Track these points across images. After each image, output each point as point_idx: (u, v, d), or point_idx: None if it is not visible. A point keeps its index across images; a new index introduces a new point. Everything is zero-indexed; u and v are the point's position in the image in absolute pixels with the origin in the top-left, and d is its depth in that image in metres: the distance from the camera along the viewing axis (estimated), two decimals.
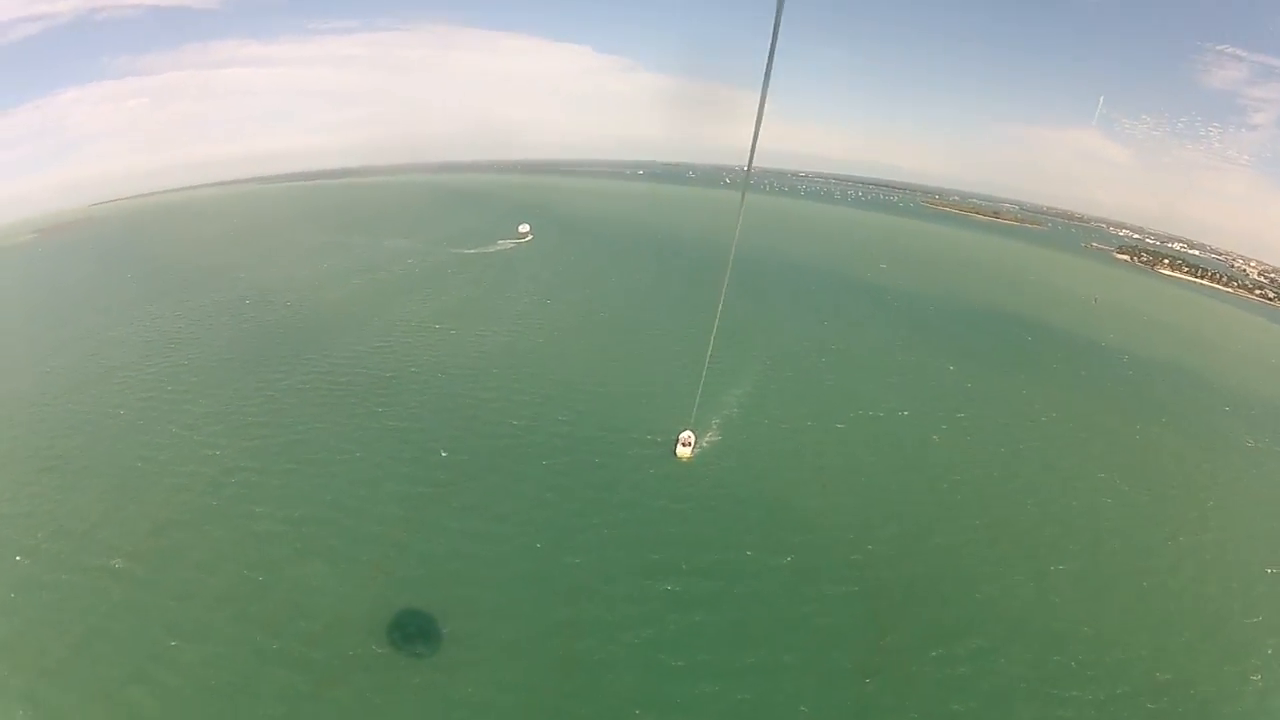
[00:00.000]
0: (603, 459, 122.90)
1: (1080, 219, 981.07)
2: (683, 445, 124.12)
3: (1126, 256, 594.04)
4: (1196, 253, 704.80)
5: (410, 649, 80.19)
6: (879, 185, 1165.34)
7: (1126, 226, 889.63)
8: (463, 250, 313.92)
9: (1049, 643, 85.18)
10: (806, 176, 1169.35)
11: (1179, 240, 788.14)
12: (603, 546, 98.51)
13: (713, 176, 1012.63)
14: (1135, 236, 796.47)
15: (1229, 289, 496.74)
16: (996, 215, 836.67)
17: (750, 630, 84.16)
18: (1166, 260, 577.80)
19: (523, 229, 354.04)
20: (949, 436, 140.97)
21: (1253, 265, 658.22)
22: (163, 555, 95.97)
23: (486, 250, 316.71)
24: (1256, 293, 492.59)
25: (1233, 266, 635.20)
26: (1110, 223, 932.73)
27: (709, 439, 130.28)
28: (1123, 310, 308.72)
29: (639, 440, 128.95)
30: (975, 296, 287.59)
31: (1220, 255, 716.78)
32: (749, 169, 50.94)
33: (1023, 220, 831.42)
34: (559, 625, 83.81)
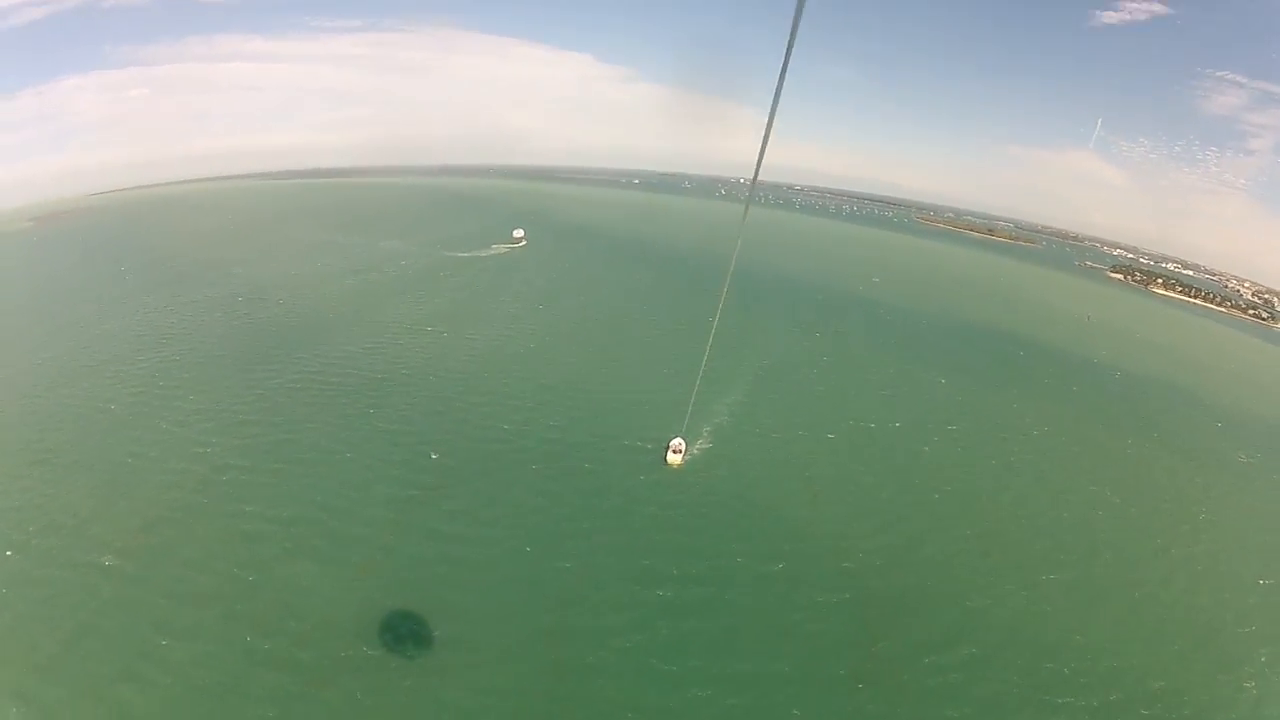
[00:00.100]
0: (593, 465, 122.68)
1: (1075, 238, 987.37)
2: (673, 452, 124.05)
3: (1120, 275, 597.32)
4: (1190, 273, 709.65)
5: (400, 652, 79.59)
6: (874, 200, 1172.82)
7: (1121, 246, 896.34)
8: (457, 253, 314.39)
9: (1041, 651, 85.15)
10: (802, 190, 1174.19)
11: (1173, 260, 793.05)
12: (593, 552, 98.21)
13: (708, 188, 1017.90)
14: (1129, 256, 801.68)
15: (1222, 309, 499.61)
16: (991, 232, 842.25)
17: (741, 637, 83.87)
18: (1160, 280, 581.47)
19: (517, 234, 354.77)
20: (940, 448, 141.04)
21: (1246, 286, 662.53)
22: (153, 552, 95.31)
23: (480, 254, 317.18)
24: (1250, 313, 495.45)
25: (1226, 287, 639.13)
26: (1104, 242, 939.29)
27: (700, 446, 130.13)
28: (1116, 328, 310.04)
29: (630, 447, 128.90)
30: (968, 312, 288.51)
31: (1214, 276, 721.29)
32: (753, 183, 51.09)
33: (1017, 238, 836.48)
34: (549, 630, 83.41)
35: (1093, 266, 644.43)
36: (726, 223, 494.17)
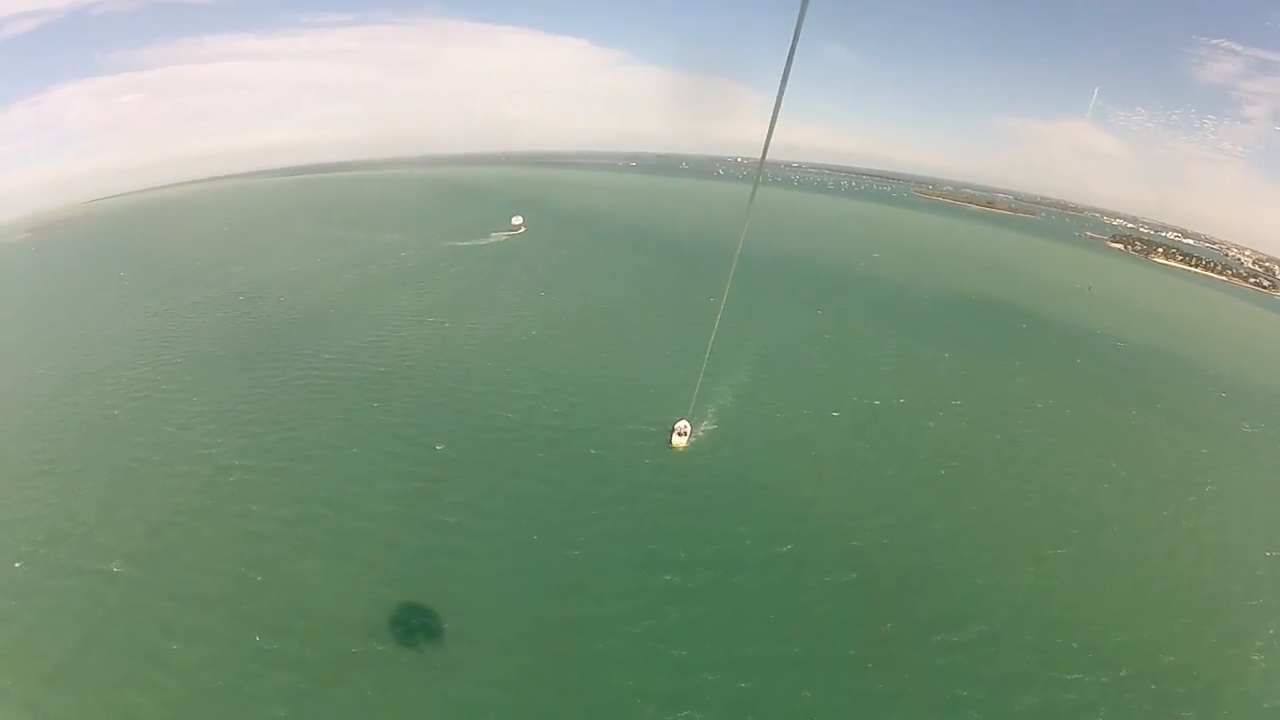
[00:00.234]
0: (598, 450, 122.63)
1: (1074, 209, 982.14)
2: (678, 435, 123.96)
3: (1120, 245, 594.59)
4: (1190, 241, 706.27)
5: (408, 646, 79.74)
6: (872, 175, 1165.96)
7: (1120, 216, 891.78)
8: (456, 243, 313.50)
9: (1050, 627, 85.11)
10: (800, 167, 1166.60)
11: (1173, 229, 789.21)
12: (599, 539, 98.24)
13: (706, 168, 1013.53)
14: (1129, 226, 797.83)
15: (1223, 277, 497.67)
16: (990, 205, 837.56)
17: (750, 620, 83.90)
18: (1160, 249, 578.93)
19: (516, 221, 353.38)
20: (945, 424, 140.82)
21: (1247, 254, 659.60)
22: (159, 557, 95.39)
23: (480, 243, 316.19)
24: (1251, 281, 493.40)
25: (1227, 255, 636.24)
26: (1104, 212, 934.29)
27: (704, 428, 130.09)
28: (1117, 298, 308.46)
29: (634, 431, 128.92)
30: (969, 286, 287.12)
31: (1215, 244, 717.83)
32: (760, 169, 50.83)
33: (1017, 210, 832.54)
34: (557, 619, 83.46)
35: (1093, 237, 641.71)
36: (725, 203, 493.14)
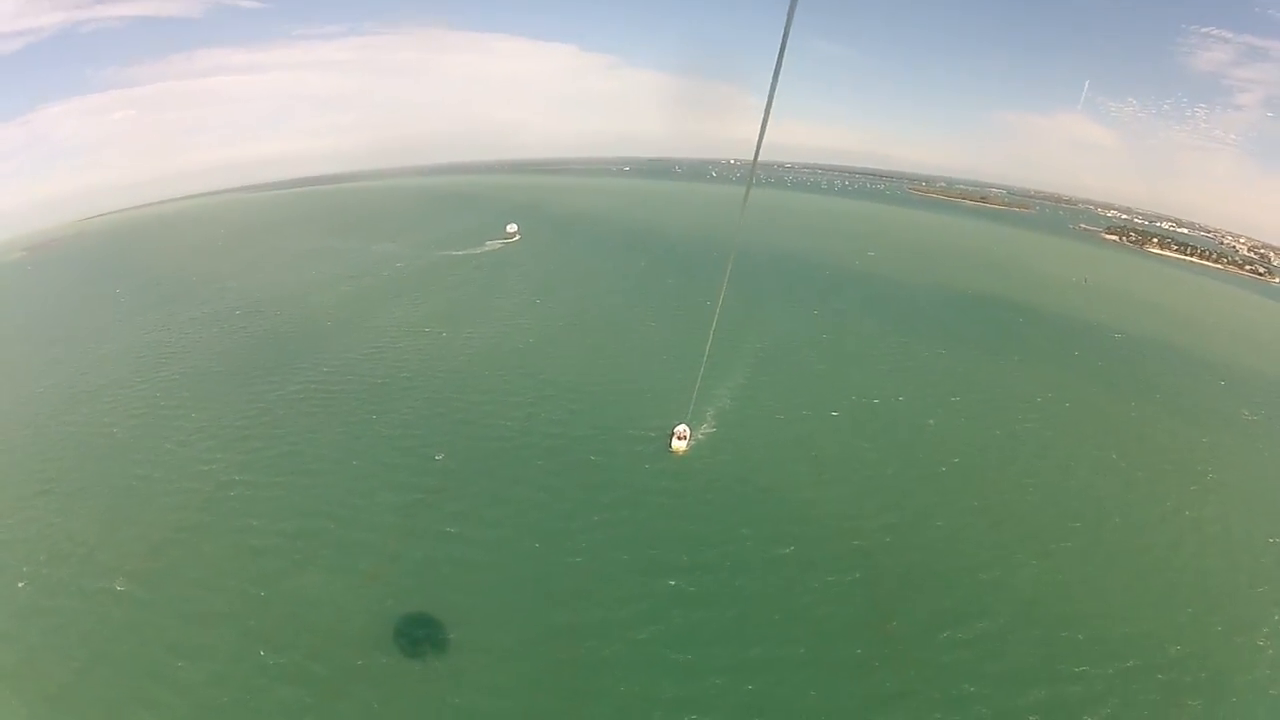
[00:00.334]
0: (598, 457, 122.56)
1: (1068, 201, 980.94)
2: (677, 439, 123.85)
3: (1115, 237, 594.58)
4: (1185, 231, 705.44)
5: (413, 658, 79.62)
6: (865, 174, 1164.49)
7: (1114, 207, 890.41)
8: (451, 252, 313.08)
9: (1055, 621, 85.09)
10: (792, 167, 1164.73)
11: (1167, 219, 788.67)
12: (601, 545, 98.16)
13: (699, 170, 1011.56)
14: (1123, 217, 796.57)
15: (1219, 265, 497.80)
16: (984, 200, 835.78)
17: (754, 623, 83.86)
18: (1155, 239, 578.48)
19: (510, 229, 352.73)
20: (944, 421, 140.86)
21: (1242, 241, 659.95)
22: (162, 575, 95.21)
23: (475, 251, 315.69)
24: (1247, 268, 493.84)
25: (1222, 243, 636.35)
26: (1098, 204, 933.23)
27: (704, 431, 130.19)
28: (1113, 290, 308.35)
29: (634, 436, 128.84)
30: (965, 282, 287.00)
31: (1209, 233, 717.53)
32: (752, 172, 50.77)
33: (1010, 204, 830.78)
34: (561, 626, 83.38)
35: (1087, 229, 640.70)
36: (719, 205, 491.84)
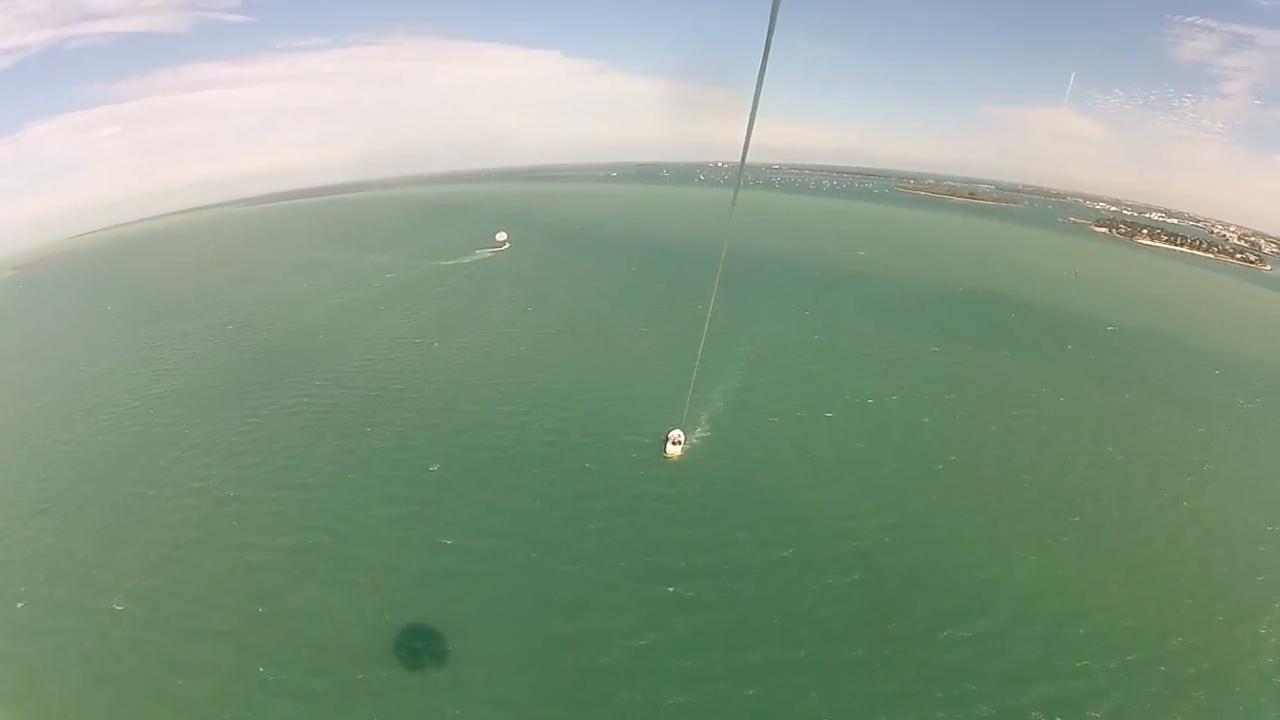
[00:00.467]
0: (593, 464, 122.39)
1: (1057, 195, 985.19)
2: (672, 444, 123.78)
3: (1105, 229, 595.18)
4: (1175, 221, 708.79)
5: (413, 670, 79.35)
6: (853, 173, 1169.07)
7: (1103, 199, 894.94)
8: (441, 262, 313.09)
9: (1057, 617, 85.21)
10: (780, 169, 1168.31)
11: (1156, 210, 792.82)
12: (599, 553, 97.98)
13: (686, 174, 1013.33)
14: (1112, 209, 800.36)
15: (1209, 254, 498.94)
16: (972, 196, 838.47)
17: (755, 627, 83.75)
18: (1145, 230, 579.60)
19: (500, 237, 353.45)
20: (940, 419, 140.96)
21: (1232, 230, 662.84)
22: (161, 593, 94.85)
23: (465, 261, 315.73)
24: (1238, 257, 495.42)
25: (1212, 232, 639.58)
26: (1087, 196, 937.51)
27: (699, 435, 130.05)
28: (1105, 282, 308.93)
29: (629, 443, 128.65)
30: (956, 278, 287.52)
31: (1199, 222, 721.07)
32: (739, 176, 50.94)
33: (999, 200, 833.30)
34: (561, 636, 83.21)
35: (1077, 222, 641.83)
36: (707, 208, 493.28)
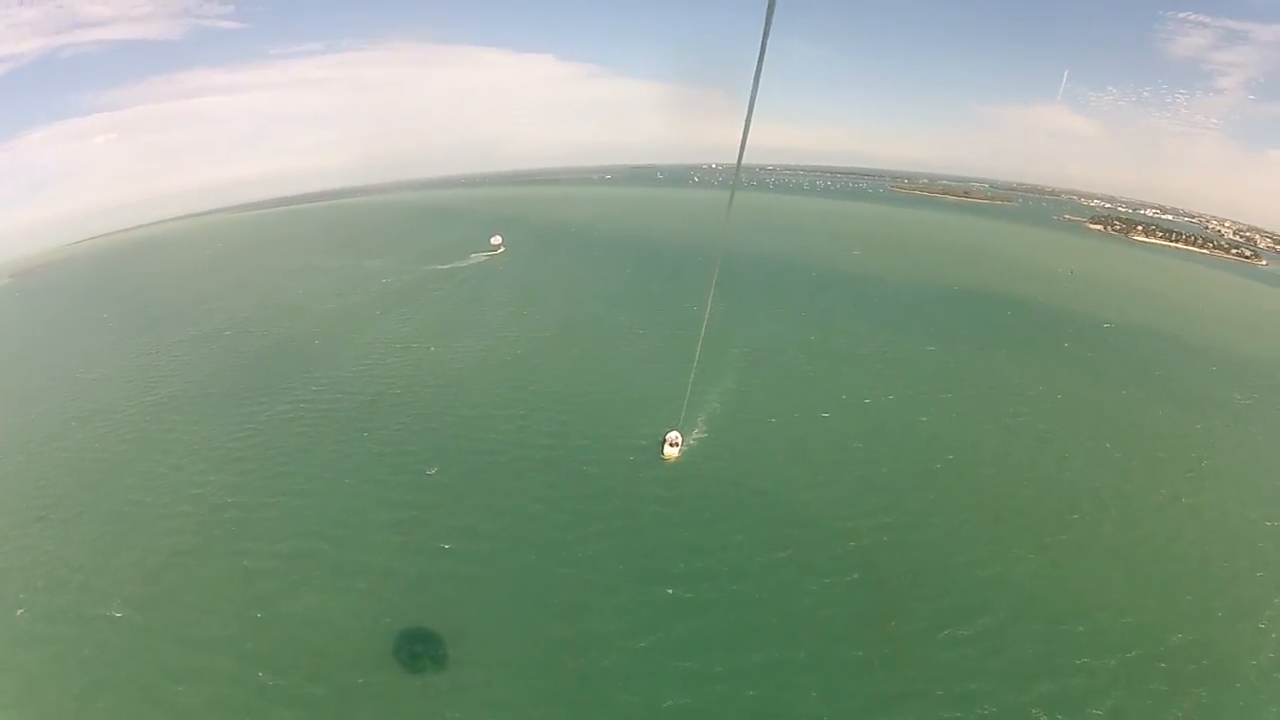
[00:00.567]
0: (591, 467, 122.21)
1: (1051, 192, 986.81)
2: (670, 445, 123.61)
3: (1100, 226, 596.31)
4: (1170, 217, 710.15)
5: (413, 675, 79.24)
6: (847, 173, 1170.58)
7: (1098, 196, 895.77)
8: (437, 266, 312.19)
9: (1057, 615, 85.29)
10: (774, 169, 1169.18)
11: (1151, 206, 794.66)
12: (598, 556, 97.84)
13: (681, 176, 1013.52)
14: (1107, 206, 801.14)
15: (1205, 250, 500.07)
16: (966, 195, 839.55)
17: (755, 628, 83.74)
18: (1140, 227, 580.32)
19: (495, 241, 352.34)
20: (937, 418, 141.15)
21: (1227, 225, 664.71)
22: (159, 600, 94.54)
23: (461, 265, 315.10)
24: (1233, 252, 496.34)
25: (1207, 228, 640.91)
26: (1081, 194, 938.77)
27: (696, 437, 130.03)
28: (1100, 280, 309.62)
29: (627, 445, 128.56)
30: (951, 277, 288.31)
31: (1194, 218, 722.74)
32: (735, 179, 50.88)
33: (993, 198, 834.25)
34: (561, 639, 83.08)
35: (1071, 219, 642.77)
36: (702, 210, 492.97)
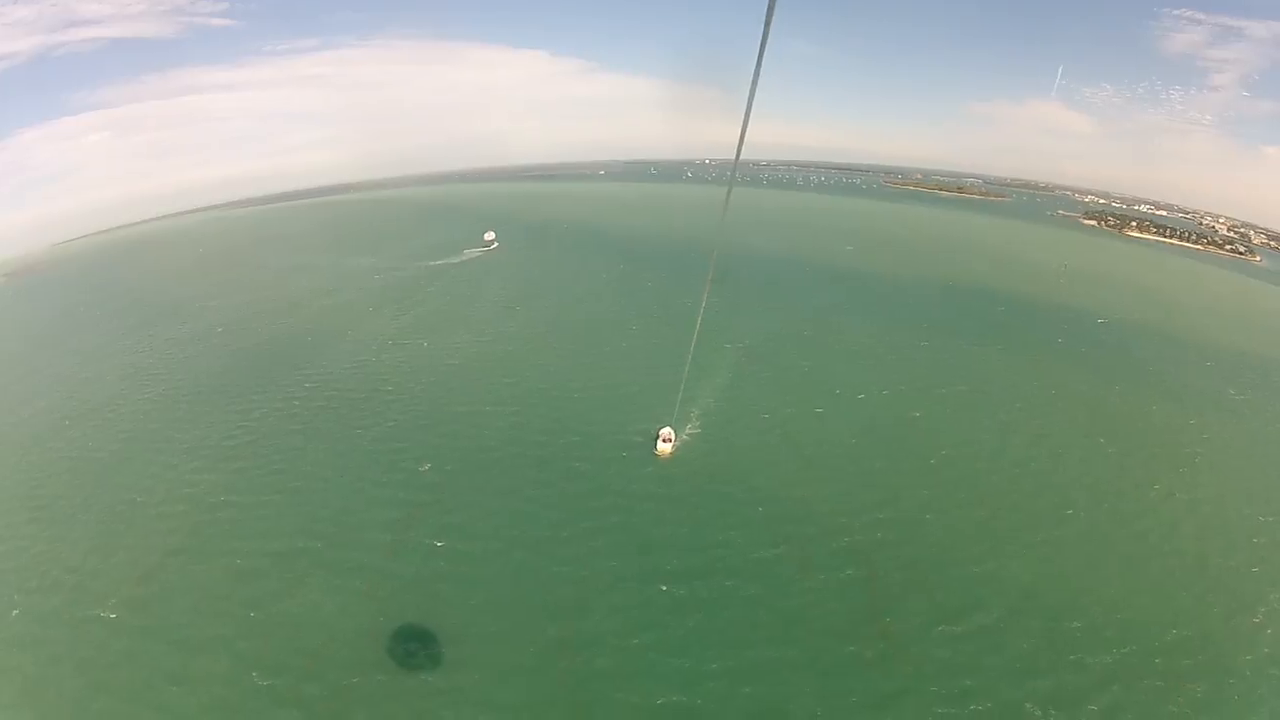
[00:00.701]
0: (583, 464, 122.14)
1: (1045, 188, 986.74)
2: (663, 441, 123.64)
3: (1094, 221, 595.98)
4: (1164, 213, 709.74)
5: (408, 675, 79.09)
6: (840, 169, 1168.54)
7: (1092, 192, 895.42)
8: (430, 263, 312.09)
9: (1054, 611, 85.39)
10: (769, 165, 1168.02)
11: (1145, 202, 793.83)
12: (592, 555, 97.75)
13: (674, 172, 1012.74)
14: (1101, 201, 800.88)
15: (1199, 246, 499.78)
16: (960, 190, 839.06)
17: (750, 626, 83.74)
18: (1134, 223, 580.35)
19: (488, 237, 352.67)
20: (931, 414, 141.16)
21: (1221, 221, 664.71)
22: (154, 601, 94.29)
23: (454, 261, 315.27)
24: (1227, 248, 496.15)
25: (1201, 224, 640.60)
26: (1075, 190, 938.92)
27: (689, 432, 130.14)
28: (1094, 275, 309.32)
29: (620, 442, 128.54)
30: (944, 273, 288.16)
31: (1189, 214, 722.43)
32: (734, 169, 50.67)
33: (987, 194, 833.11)
34: (557, 638, 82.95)
35: (1065, 215, 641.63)
36: (696, 206, 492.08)
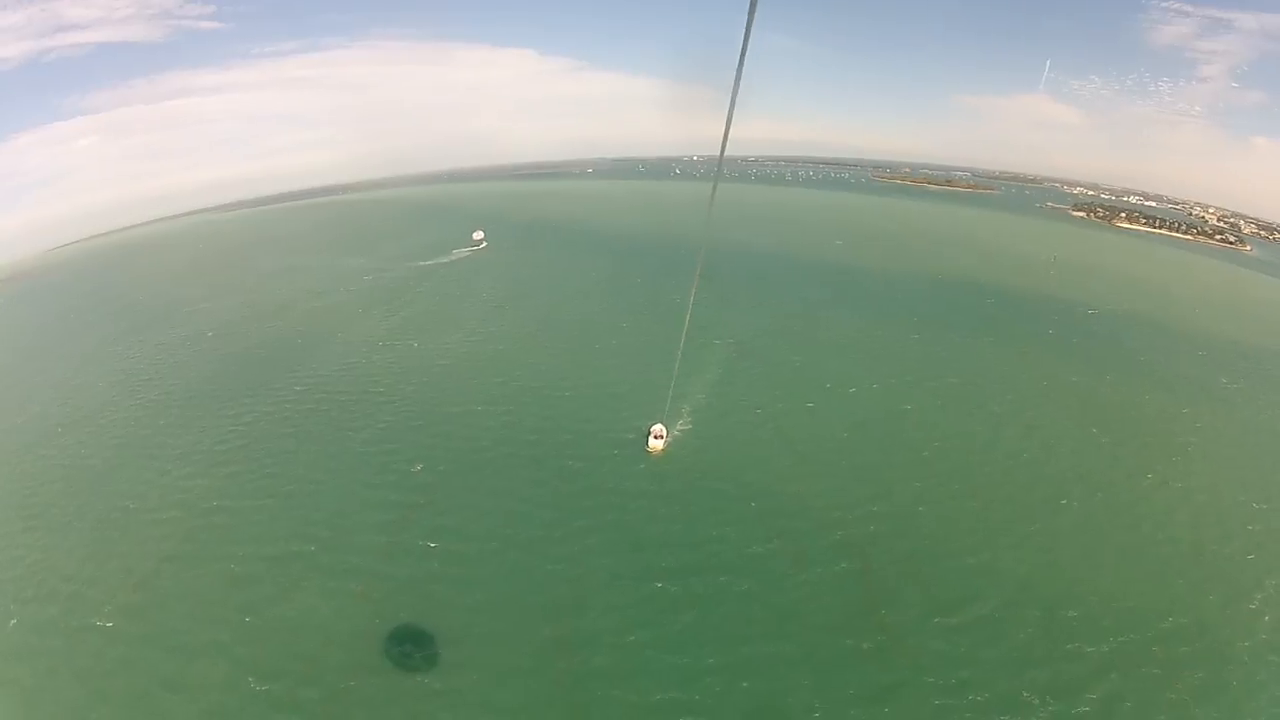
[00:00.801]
0: (576, 462, 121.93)
1: (1033, 180, 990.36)
2: (655, 438, 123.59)
3: (1083, 213, 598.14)
4: (1153, 204, 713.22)
5: (405, 678, 79.00)
6: (829, 164, 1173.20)
7: (1081, 184, 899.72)
8: (419, 263, 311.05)
9: (1050, 601, 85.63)
10: (756, 161, 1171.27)
11: (1135, 193, 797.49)
12: (586, 553, 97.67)
13: (662, 169, 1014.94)
14: (1090, 193, 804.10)
15: (1189, 236, 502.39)
16: (949, 184, 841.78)
17: (746, 621, 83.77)
18: (1124, 214, 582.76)
19: (477, 236, 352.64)
20: (923, 406, 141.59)
21: (1211, 212, 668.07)
22: (149, 608, 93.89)
23: (443, 261, 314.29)
24: (1217, 238, 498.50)
25: (1191, 215, 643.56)
26: (1064, 181, 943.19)
27: (681, 428, 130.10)
28: (1084, 266, 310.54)
29: (612, 440, 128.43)
30: (933, 266, 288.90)
31: (1178, 205, 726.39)
32: (720, 165, 50.63)
33: (975, 186, 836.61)
34: (553, 638, 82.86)
35: (1054, 207, 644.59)
36: (684, 203, 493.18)
